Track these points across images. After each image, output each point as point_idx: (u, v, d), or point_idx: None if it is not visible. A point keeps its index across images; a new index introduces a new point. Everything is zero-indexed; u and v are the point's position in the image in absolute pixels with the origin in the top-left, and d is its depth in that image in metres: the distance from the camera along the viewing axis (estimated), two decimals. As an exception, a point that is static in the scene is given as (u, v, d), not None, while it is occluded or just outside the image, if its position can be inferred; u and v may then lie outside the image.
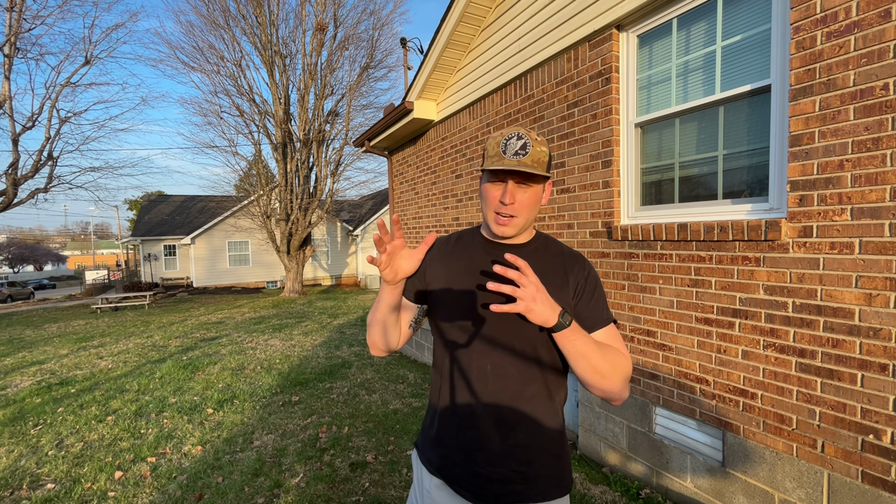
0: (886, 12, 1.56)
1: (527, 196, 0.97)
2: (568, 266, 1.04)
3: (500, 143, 0.96)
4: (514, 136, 0.95)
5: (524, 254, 1.01)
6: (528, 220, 0.99)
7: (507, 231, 0.99)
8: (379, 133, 5.68)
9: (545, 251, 1.06)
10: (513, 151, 0.94)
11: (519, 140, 0.95)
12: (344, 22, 14.98)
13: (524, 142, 0.94)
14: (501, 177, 0.96)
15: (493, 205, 0.98)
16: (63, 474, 2.91)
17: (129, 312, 12.11)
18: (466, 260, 1.06)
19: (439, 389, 1.07)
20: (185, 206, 23.45)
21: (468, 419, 1.01)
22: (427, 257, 1.07)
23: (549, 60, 3.13)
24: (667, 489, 2.44)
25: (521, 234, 1.03)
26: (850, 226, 1.68)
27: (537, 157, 0.94)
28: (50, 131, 12.06)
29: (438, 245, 1.12)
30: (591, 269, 1.07)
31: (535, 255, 1.04)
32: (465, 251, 1.08)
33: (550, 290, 0.93)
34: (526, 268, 0.83)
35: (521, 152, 0.93)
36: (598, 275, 1.08)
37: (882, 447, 1.63)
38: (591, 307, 1.01)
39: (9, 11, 10.85)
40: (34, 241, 68.82)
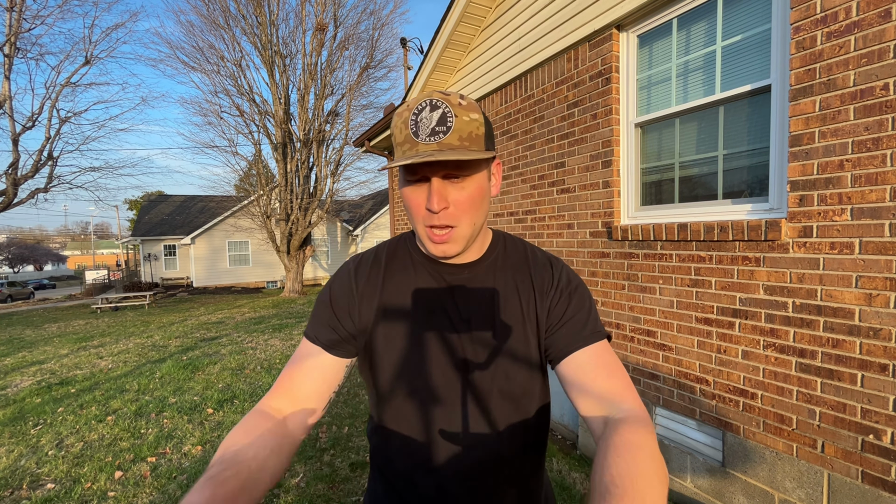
0: (886, 12, 1.56)
1: (466, 194, 0.67)
2: (537, 277, 0.79)
3: (409, 120, 0.64)
4: (426, 105, 0.64)
5: (478, 276, 0.78)
6: (474, 226, 0.71)
7: (449, 249, 0.71)
8: (379, 133, 5.68)
9: (505, 265, 0.80)
10: (427, 131, 0.63)
11: (434, 111, 0.63)
12: (344, 22, 15.00)
13: (442, 112, 0.63)
14: (421, 173, 0.66)
15: (421, 215, 0.69)
16: (63, 474, 2.91)
17: (129, 312, 12.11)
18: (409, 289, 0.77)
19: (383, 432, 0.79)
20: (185, 206, 23.46)
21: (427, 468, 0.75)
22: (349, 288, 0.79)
23: (549, 60, 3.13)
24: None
25: (471, 244, 0.75)
26: (850, 226, 1.68)
27: (467, 130, 0.64)
28: (50, 131, 12.06)
29: (360, 270, 0.81)
30: (563, 270, 0.81)
31: (494, 272, 0.79)
32: (404, 276, 0.79)
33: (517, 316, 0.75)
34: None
35: (441, 129, 0.63)
36: (574, 276, 0.81)
37: (882, 447, 1.63)
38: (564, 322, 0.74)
39: (9, 11, 10.85)
40: (34, 241, 68.83)
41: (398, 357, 0.75)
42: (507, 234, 0.87)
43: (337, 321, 0.76)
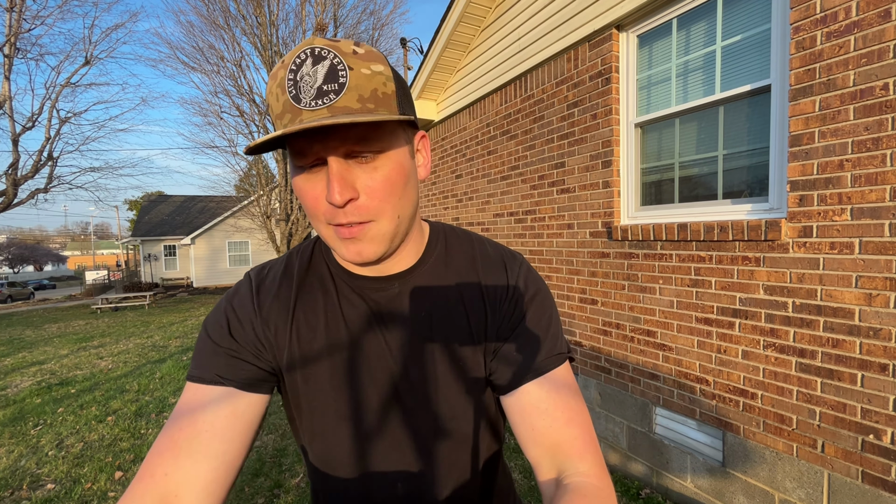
0: (886, 12, 1.56)
1: (380, 176, 0.50)
2: (486, 282, 0.63)
3: (284, 81, 0.46)
4: (307, 56, 0.45)
5: (415, 287, 0.61)
6: (399, 219, 0.53)
7: (367, 251, 0.52)
8: (379, 133, 5.67)
9: (447, 269, 0.63)
10: (312, 92, 0.45)
11: (318, 63, 0.45)
12: (344, 22, 15.00)
13: (330, 64, 0.45)
14: (312, 154, 0.48)
15: (321, 211, 0.51)
16: (63, 474, 2.91)
17: (129, 312, 12.11)
18: (324, 315, 0.61)
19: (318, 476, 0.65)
20: (185, 206, 23.47)
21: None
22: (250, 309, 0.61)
23: (549, 60, 3.13)
24: (667, 489, 2.44)
25: (398, 244, 0.57)
26: (850, 226, 1.68)
27: (369, 87, 0.47)
28: (50, 131, 12.06)
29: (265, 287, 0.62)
30: (520, 272, 0.64)
31: (432, 283, 0.62)
32: (321, 297, 0.61)
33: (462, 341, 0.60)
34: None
35: (330, 87, 0.45)
36: (532, 278, 0.65)
37: (882, 447, 1.63)
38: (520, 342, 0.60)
39: (9, 12, 10.86)
40: (34, 241, 68.86)
41: (322, 399, 0.60)
42: (450, 227, 0.68)
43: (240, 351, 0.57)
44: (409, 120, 0.48)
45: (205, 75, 17.53)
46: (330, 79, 0.45)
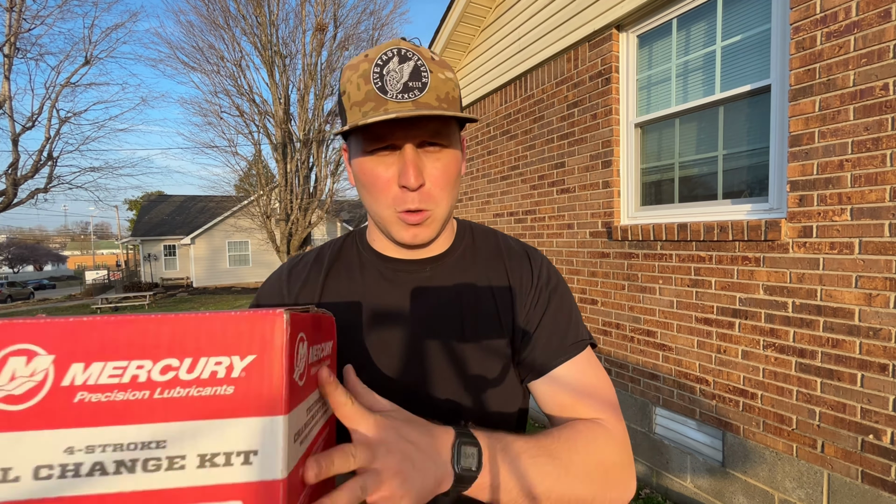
0: (886, 12, 1.56)
1: (441, 166, 0.55)
2: (513, 271, 0.66)
3: (370, 73, 0.51)
4: (394, 54, 0.51)
5: (444, 270, 0.65)
6: (449, 207, 0.60)
7: (423, 234, 0.58)
8: (379, 133, 5.68)
9: (475, 258, 0.67)
10: (399, 86, 0.51)
11: (404, 63, 0.51)
12: (344, 22, 15.01)
13: (415, 64, 0.51)
14: (390, 139, 0.53)
15: (390, 194, 0.55)
16: (63, 474, 2.91)
17: (129, 313, 12.10)
18: (353, 295, 0.63)
19: None
20: (185, 206, 23.47)
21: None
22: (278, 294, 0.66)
23: (549, 60, 3.13)
24: (667, 489, 2.44)
25: (440, 231, 0.62)
26: (849, 226, 1.68)
27: (444, 90, 0.53)
28: (50, 131, 12.07)
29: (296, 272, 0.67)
30: (543, 265, 0.68)
31: (463, 267, 0.66)
32: (351, 280, 0.65)
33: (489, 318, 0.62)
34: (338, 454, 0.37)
35: (415, 85, 0.51)
36: (555, 272, 0.69)
37: (882, 447, 1.63)
38: (547, 330, 0.62)
39: (9, 11, 10.86)
40: (34, 241, 68.88)
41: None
42: (474, 223, 0.74)
43: None
44: (473, 119, 0.54)
45: (205, 75, 17.51)
46: (414, 77, 0.51)
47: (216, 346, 0.31)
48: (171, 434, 0.29)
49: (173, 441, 0.29)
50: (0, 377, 0.28)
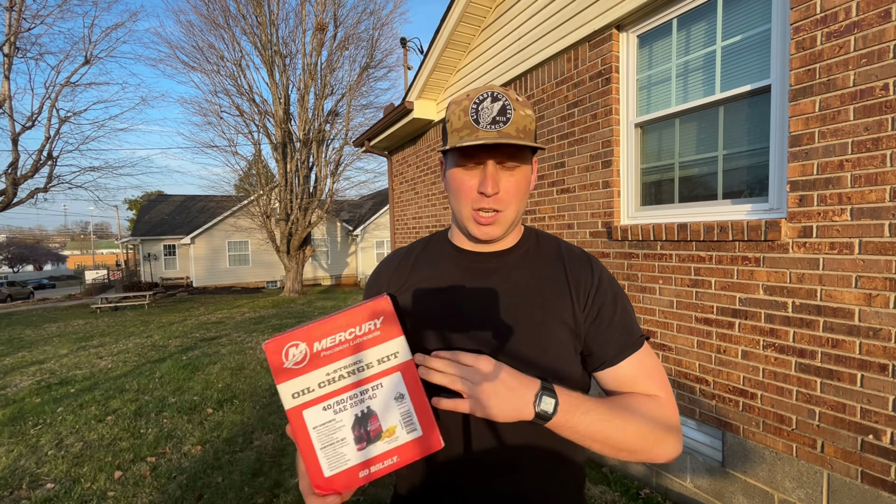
0: (886, 12, 1.56)
1: (514, 181, 0.71)
2: (571, 272, 0.77)
3: (469, 108, 0.68)
4: (488, 96, 0.68)
5: (508, 264, 0.78)
6: (517, 213, 0.74)
7: (494, 232, 0.73)
8: (379, 133, 5.68)
9: (539, 256, 0.80)
10: (488, 119, 0.67)
11: (495, 102, 0.68)
12: (344, 22, 15.00)
13: (502, 104, 0.68)
14: (477, 157, 0.69)
15: (470, 197, 0.72)
16: (63, 474, 2.91)
17: (128, 312, 12.11)
18: (434, 280, 0.79)
19: None
20: (184, 205, 23.45)
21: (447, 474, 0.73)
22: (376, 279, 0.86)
23: (549, 60, 3.13)
24: (666, 489, 2.44)
25: (509, 233, 0.77)
26: (849, 226, 1.68)
27: (522, 124, 0.69)
28: (50, 131, 12.06)
29: (395, 265, 0.85)
30: (603, 270, 0.80)
31: (524, 262, 0.79)
32: (432, 268, 0.81)
33: (548, 307, 0.73)
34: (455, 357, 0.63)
35: (501, 119, 0.67)
36: (612, 277, 0.80)
37: (882, 447, 1.63)
38: (612, 329, 0.74)
39: (8, 11, 10.85)
40: (34, 240, 68.81)
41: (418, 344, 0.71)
42: (539, 230, 0.87)
43: None
44: (541, 147, 0.71)
45: (205, 75, 17.54)
46: (501, 113, 0.68)
47: (366, 318, 0.61)
48: (364, 355, 0.60)
49: (365, 358, 0.60)
50: (290, 359, 0.59)
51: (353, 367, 0.60)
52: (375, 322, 0.61)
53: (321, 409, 0.58)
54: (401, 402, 0.60)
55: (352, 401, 0.59)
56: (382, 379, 0.60)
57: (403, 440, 0.59)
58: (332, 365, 0.59)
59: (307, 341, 0.59)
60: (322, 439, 0.57)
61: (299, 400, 0.58)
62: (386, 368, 0.60)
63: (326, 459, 0.57)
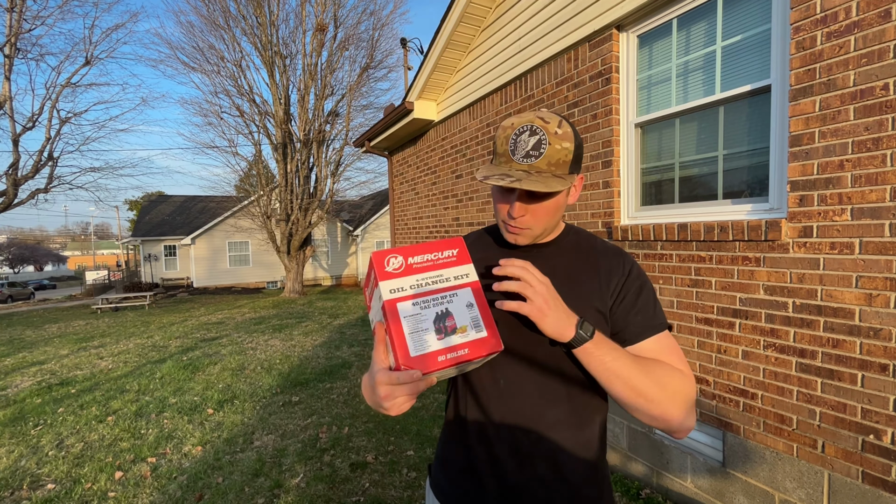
0: (886, 12, 1.56)
1: (542, 207, 0.79)
2: (603, 263, 0.86)
3: (510, 138, 0.76)
4: (527, 129, 0.75)
5: (546, 254, 0.88)
6: (546, 228, 0.83)
7: (520, 241, 0.85)
8: (379, 133, 5.68)
9: (575, 249, 0.90)
10: (522, 153, 0.75)
11: (532, 136, 0.74)
12: (344, 22, 14.99)
13: (538, 139, 0.74)
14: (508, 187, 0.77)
15: (503, 214, 0.83)
16: (63, 474, 2.91)
17: (129, 313, 12.12)
18: (481, 261, 0.88)
19: (447, 405, 0.94)
20: (185, 206, 23.46)
21: (479, 442, 0.85)
22: None
23: (549, 61, 3.13)
24: (667, 489, 2.44)
25: (541, 239, 0.88)
26: (850, 226, 1.68)
27: (556, 157, 0.74)
28: (50, 132, 12.07)
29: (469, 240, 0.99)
30: (634, 264, 0.88)
31: (561, 253, 0.89)
32: (482, 252, 0.93)
33: (580, 292, 0.82)
34: (530, 266, 0.72)
35: (534, 154, 0.74)
36: (642, 270, 0.89)
37: (882, 447, 1.63)
38: (635, 312, 0.83)
39: (9, 12, 10.86)
40: (34, 241, 68.87)
41: None
42: (579, 228, 0.97)
43: None
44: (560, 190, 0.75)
45: (205, 75, 17.55)
46: (536, 147, 0.74)
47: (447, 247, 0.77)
48: (444, 272, 0.74)
49: (445, 273, 0.74)
50: (390, 265, 0.72)
51: (436, 278, 0.74)
52: (453, 252, 0.76)
53: (411, 304, 0.71)
54: (471, 309, 0.72)
55: (434, 302, 0.72)
56: (457, 290, 0.74)
57: (472, 337, 0.71)
58: (421, 274, 0.73)
59: (404, 255, 0.74)
60: (411, 326, 0.69)
61: (395, 295, 0.71)
62: (460, 283, 0.74)
63: (413, 342, 0.68)
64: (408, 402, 0.68)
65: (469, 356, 0.69)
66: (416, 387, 0.67)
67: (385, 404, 0.67)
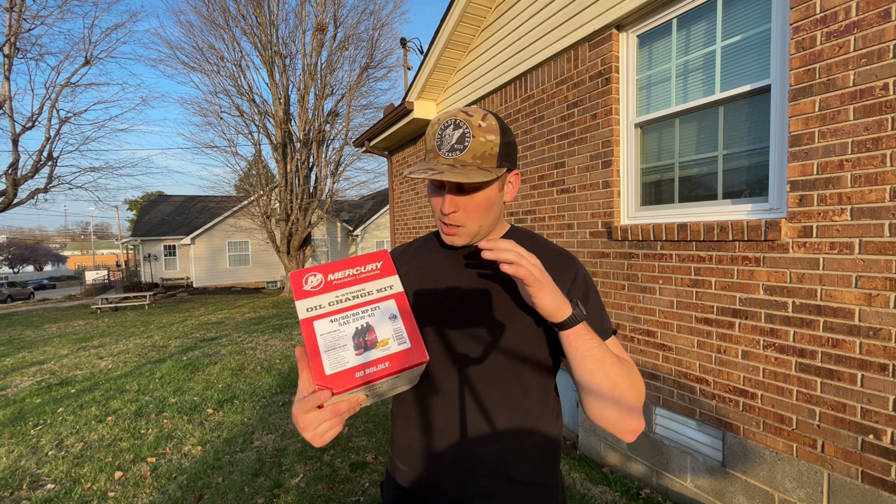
0: (886, 12, 1.56)
1: (473, 203, 0.77)
2: (551, 266, 0.79)
3: (437, 133, 0.75)
4: (451, 123, 0.74)
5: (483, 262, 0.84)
6: (480, 226, 0.81)
7: (456, 241, 0.82)
8: (379, 133, 5.68)
9: None
10: (448, 147, 0.73)
11: (456, 130, 0.73)
12: (344, 22, 14.99)
13: (462, 132, 0.73)
14: (439, 181, 0.77)
15: (437, 214, 0.81)
16: (63, 474, 2.91)
17: (129, 312, 12.11)
18: (424, 268, 0.89)
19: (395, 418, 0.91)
20: (185, 206, 23.45)
21: (420, 459, 0.83)
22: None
23: (548, 60, 3.13)
24: (667, 489, 2.44)
25: (479, 239, 0.84)
26: (849, 226, 1.68)
27: (481, 150, 0.73)
28: (50, 131, 12.06)
29: (401, 251, 0.98)
30: (581, 267, 0.87)
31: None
32: (424, 259, 0.91)
33: (509, 300, 0.80)
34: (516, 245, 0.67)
35: (459, 147, 0.73)
36: (588, 274, 0.87)
37: (882, 447, 1.63)
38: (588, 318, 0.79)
39: (9, 12, 10.85)
40: (34, 241, 68.84)
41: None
42: (524, 229, 0.95)
43: None
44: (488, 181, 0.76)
45: (205, 75, 17.54)
46: (459, 141, 0.73)
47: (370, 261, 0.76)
48: (366, 286, 0.73)
49: (367, 287, 0.73)
50: (308, 283, 0.72)
51: (357, 293, 0.72)
52: (376, 265, 0.75)
53: (328, 321, 0.69)
54: (394, 321, 0.70)
55: (354, 317, 0.70)
56: (380, 303, 0.72)
57: (395, 350, 0.69)
58: (340, 290, 0.72)
59: (324, 272, 0.73)
60: (327, 344, 0.67)
61: (312, 313, 0.69)
62: (383, 296, 0.73)
63: (328, 360, 0.66)
64: (332, 430, 0.65)
65: (390, 369, 0.66)
66: (336, 409, 0.64)
67: (306, 435, 0.64)
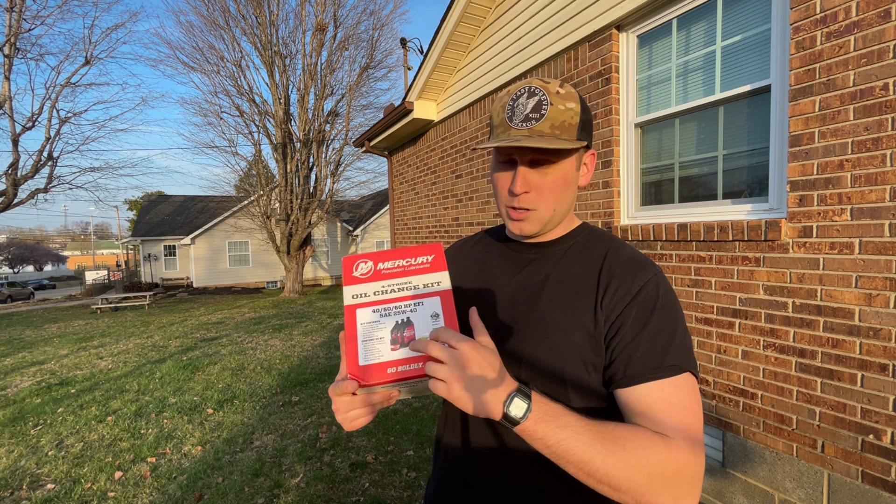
0: (886, 12, 1.56)
1: (548, 180, 0.69)
2: (605, 275, 0.69)
3: (506, 105, 0.68)
4: (524, 91, 0.67)
5: (547, 254, 0.76)
6: (554, 211, 0.72)
7: (526, 228, 0.72)
8: (379, 133, 5.68)
9: (579, 254, 0.75)
10: (521, 116, 0.66)
11: (531, 98, 0.66)
12: (344, 22, 15.00)
13: (538, 100, 0.65)
14: (509, 156, 0.69)
15: (503, 196, 0.73)
16: (63, 474, 2.91)
17: (128, 313, 12.11)
18: (480, 263, 0.83)
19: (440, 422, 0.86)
20: (185, 206, 23.46)
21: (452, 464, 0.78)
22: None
23: (548, 60, 3.13)
24: (667, 489, 2.44)
25: (549, 229, 0.75)
26: (849, 226, 1.68)
27: (560, 119, 0.65)
28: (50, 131, 12.06)
29: (456, 248, 0.93)
30: (650, 283, 0.67)
31: (561, 259, 0.75)
32: (481, 253, 0.86)
33: (569, 306, 0.69)
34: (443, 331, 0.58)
35: (534, 116, 0.65)
36: (661, 291, 0.67)
37: (882, 447, 1.63)
38: (634, 345, 0.63)
39: (9, 12, 10.86)
40: (34, 241, 68.85)
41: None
42: (598, 229, 0.80)
43: None
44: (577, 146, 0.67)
45: (205, 75, 17.53)
46: (535, 109, 0.66)
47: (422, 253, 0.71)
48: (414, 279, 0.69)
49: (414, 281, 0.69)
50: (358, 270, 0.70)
51: (403, 285, 0.69)
52: (427, 258, 0.71)
53: (371, 311, 0.67)
54: (435, 320, 0.66)
55: (396, 310, 0.67)
56: (424, 299, 0.68)
57: None
58: (387, 281, 0.69)
59: (374, 260, 0.71)
60: (365, 334, 0.65)
61: (357, 300, 0.68)
62: (429, 292, 0.69)
63: (364, 351, 0.64)
64: (362, 418, 0.64)
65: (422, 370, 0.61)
66: (367, 400, 0.63)
67: (337, 417, 0.64)
